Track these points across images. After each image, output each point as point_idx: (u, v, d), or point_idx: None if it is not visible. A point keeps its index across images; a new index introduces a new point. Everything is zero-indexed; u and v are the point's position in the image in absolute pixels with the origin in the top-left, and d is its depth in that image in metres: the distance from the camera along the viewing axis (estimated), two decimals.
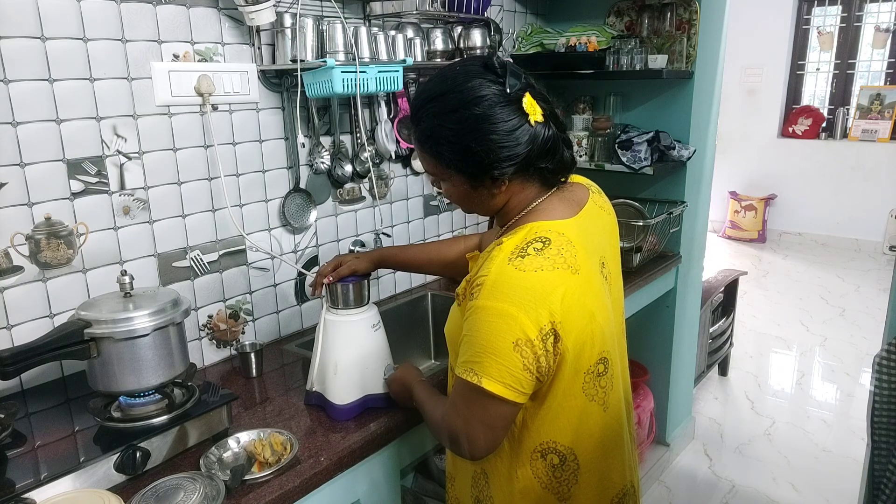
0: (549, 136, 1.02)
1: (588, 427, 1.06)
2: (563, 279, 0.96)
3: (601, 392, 1.07)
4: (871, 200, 5.78)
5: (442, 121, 1.00)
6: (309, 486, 1.16)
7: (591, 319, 1.01)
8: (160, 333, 1.19)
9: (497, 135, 0.97)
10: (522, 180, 1.05)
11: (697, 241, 2.62)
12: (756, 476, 2.67)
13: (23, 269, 1.31)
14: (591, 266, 1.03)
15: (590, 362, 1.03)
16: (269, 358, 1.67)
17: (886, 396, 1.41)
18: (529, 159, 1.01)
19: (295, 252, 1.83)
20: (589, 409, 1.06)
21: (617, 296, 1.14)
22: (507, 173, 1.01)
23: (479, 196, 1.06)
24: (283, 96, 1.71)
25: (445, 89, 1.01)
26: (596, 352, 1.04)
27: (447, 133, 1.00)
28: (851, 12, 5.90)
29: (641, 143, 2.24)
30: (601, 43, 2.31)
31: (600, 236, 1.10)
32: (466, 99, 0.98)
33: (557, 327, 0.96)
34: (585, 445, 1.07)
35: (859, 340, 3.97)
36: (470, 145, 0.98)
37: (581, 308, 0.99)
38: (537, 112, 0.99)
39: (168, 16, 1.46)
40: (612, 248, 1.15)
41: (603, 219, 1.14)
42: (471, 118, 0.97)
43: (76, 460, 1.08)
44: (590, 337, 1.01)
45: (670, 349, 2.61)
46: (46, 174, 1.31)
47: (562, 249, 0.98)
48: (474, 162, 1.00)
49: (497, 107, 0.97)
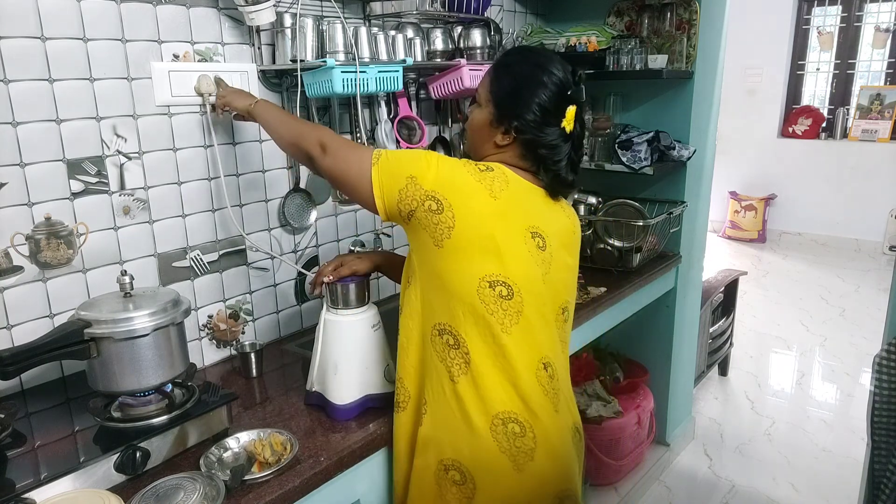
0: (565, 147, 1.21)
1: (483, 335, 1.16)
2: (478, 190, 1.14)
3: (501, 313, 1.16)
4: (871, 200, 5.78)
5: (522, 63, 1.23)
6: (309, 486, 1.16)
7: (491, 237, 1.14)
8: (160, 333, 1.19)
9: (539, 102, 1.18)
10: (521, 152, 1.22)
11: (697, 241, 2.62)
12: (756, 476, 2.67)
13: (23, 269, 1.31)
14: (517, 214, 1.17)
15: (484, 270, 1.14)
16: (269, 358, 1.67)
17: (886, 396, 1.41)
18: (540, 142, 1.19)
19: (295, 252, 1.83)
20: (488, 320, 1.16)
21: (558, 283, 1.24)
22: (521, 131, 1.19)
23: (487, 134, 1.24)
24: (283, 96, 1.71)
25: (540, 53, 1.30)
26: (494, 269, 1.14)
27: (514, 74, 1.22)
28: (851, 12, 5.91)
29: (641, 143, 2.24)
30: (601, 43, 2.31)
31: (544, 218, 1.22)
32: (546, 67, 1.20)
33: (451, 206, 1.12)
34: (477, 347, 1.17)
35: (859, 340, 3.97)
36: (520, 91, 1.20)
37: (480, 218, 1.13)
38: (570, 123, 1.21)
39: (168, 16, 1.46)
40: (560, 244, 1.25)
41: (558, 214, 1.26)
42: (537, 78, 1.19)
43: (76, 460, 1.08)
44: (485, 248, 1.14)
45: (670, 349, 2.61)
46: (46, 174, 1.31)
47: (496, 178, 1.16)
48: (510, 106, 1.20)
49: (555, 90, 1.19)
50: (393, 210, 1.18)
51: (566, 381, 1.29)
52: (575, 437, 1.29)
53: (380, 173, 1.16)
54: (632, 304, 2.26)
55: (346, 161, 1.21)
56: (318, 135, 1.27)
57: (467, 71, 1.90)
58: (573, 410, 1.31)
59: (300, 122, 1.39)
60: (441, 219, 1.13)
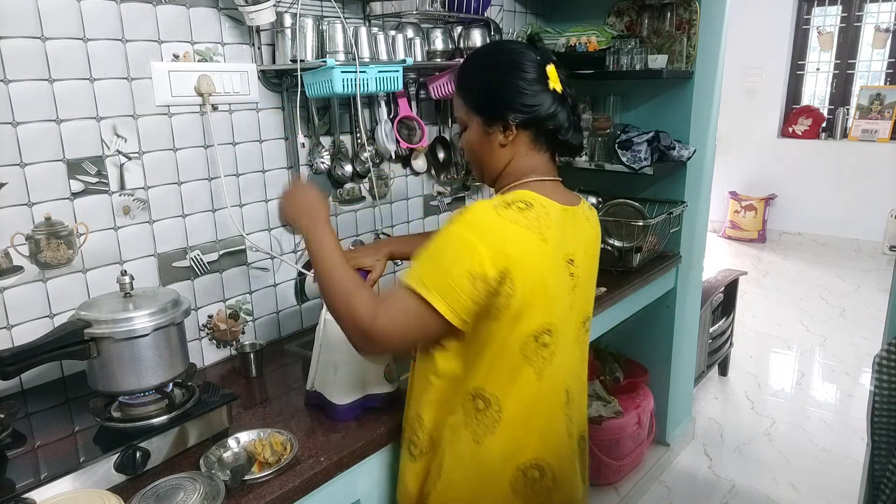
0: (563, 110, 1.12)
1: (519, 386, 1.11)
2: (530, 239, 1.05)
3: (540, 360, 1.11)
4: (871, 200, 5.77)
5: (479, 64, 1.18)
6: (309, 486, 1.16)
7: (544, 288, 1.07)
8: (160, 333, 1.19)
9: (520, 79, 1.10)
10: (530, 142, 1.14)
11: (697, 241, 2.62)
12: (756, 476, 2.67)
13: (23, 269, 1.31)
14: (559, 248, 1.10)
15: (533, 326, 1.08)
16: (269, 358, 1.67)
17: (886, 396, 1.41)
18: (541, 116, 1.11)
19: (295, 252, 1.83)
20: (524, 371, 1.10)
21: (581, 299, 1.19)
22: (519, 118, 1.11)
23: (489, 145, 1.15)
24: (283, 96, 1.71)
25: (487, 49, 1.26)
26: (542, 319, 1.08)
27: (480, 72, 1.16)
28: (851, 12, 5.90)
29: (641, 143, 2.24)
30: (601, 43, 2.31)
31: (576, 238, 1.16)
32: (502, 50, 1.17)
33: (512, 276, 1.02)
34: (511, 402, 1.11)
35: (859, 340, 3.97)
36: (494, 83, 1.12)
37: (537, 271, 1.05)
38: (557, 82, 1.12)
39: (168, 16, 1.46)
40: (586, 255, 1.19)
41: (584, 227, 1.19)
42: (502, 61, 1.13)
43: (76, 460, 1.08)
44: (538, 302, 1.07)
45: (670, 349, 2.61)
46: (46, 174, 1.31)
47: (540, 217, 1.07)
48: (495, 101, 1.12)
49: (527, 62, 1.11)
50: (473, 315, 1.05)
51: (581, 394, 1.26)
52: (581, 445, 1.26)
53: (442, 300, 1.01)
54: (632, 304, 2.26)
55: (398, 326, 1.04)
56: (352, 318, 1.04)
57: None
58: (583, 420, 1.27)
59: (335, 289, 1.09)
60: (503, 290, 1.03)
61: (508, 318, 1.05)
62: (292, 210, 1.20)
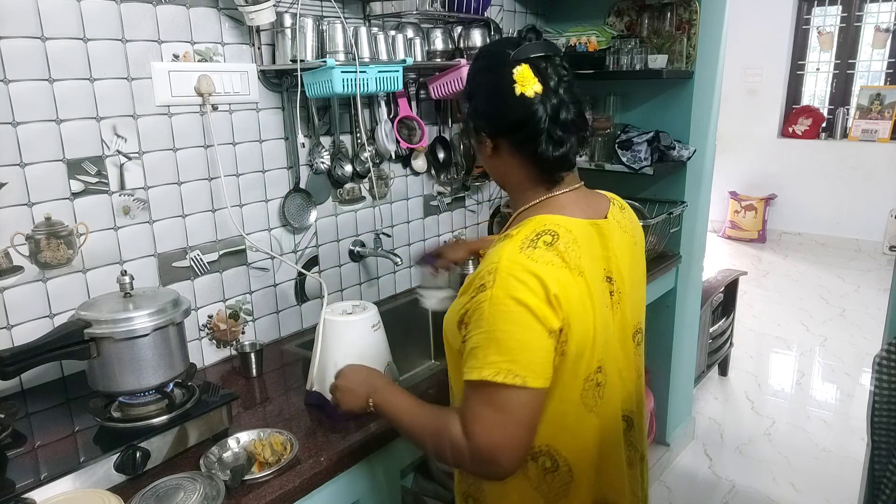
0: (533, 114, 0.99)
1: (584, 437, 1.04)
2: (569, 278, 0.95)
3: (599, 402, 1.04)
4: (871, 200, 5.78)
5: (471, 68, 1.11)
6: (309, 486, 1.16)
7: (593, 326, 0.99)
8: (160, 333, 1.19)
9: (488, 87, 1.03)
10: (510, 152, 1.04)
11: (697, 241, 2.62)
12: (756, 476, 2.67)
13: (23, 269, 1.31)
14: (594, 272, 1.01)
15: (589, 370, 1.01)
16: (269, 358, 1.67)
17: (886, 396, 1.41)
18: (505, 125, 1.02)
19: (295, 252, 1.83)
20: (586, 419, 1.03)
21: (628, 313, 1.10)
22: (485, 129, 1.04)
23: (483, 155, 1.10)
24: (283, 96, 1.71)
25: (480, 51, 1.15)
26: (596, 359, 1.01)
27: (469, 79, 1.10)
28: (851, 12, 5.90)
29: (641, 143, 2.24)
30: (601, 43, 2.31)
31: (610, 252, 1.06)
32: (482, 58, 1.09)
33: (564, 324, 0.94)
34: (580, 458, 1.05)
35: (859, 340, 3.97)
36: (471, 91, 1.07)
37: (583, 311, 0.97)
38: (528, 84, 0.98)
39: (168, 16, 1.46)
40: (628, 268, 1.09)
41: (619, 237, 1.08)
42: (480, 67, 1.07)
43: (76, 460, 1.08)
44: (590, 342, 0.99)
45: (670, 349, 2.61)
46: (46, 174, 1.31)
47: (569, 248, 0.97)
48: (472, 110, 1.07)
49: (496, 63, 1.02)
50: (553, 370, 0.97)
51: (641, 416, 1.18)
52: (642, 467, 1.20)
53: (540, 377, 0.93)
54: None
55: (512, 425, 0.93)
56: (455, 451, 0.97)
57: (467, 71, 1.90)
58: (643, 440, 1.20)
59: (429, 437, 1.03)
60: (559, 338, 0.95)
61: (560, 368, 0.97)
62: (351, 395, 1.19)
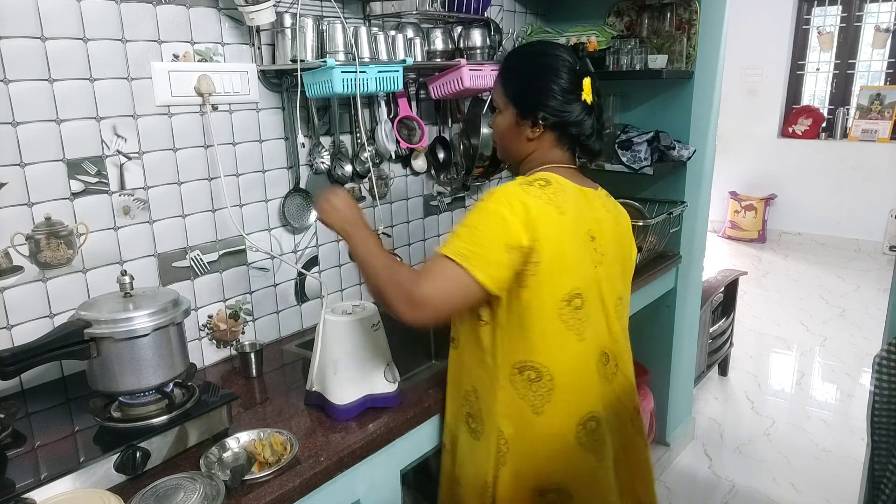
0: (589, 120, 1.26)
1: (565, 352, 1.23)
2: (550, 211, 1.17)
3: (578, 323, 1.22)
4: (871, 200, 5.78)
5: (527, 58, 1.31)
6: (309, 486, 1.16)
7: (563, 255, 1.18)
8: (160, 333, 1.19)
9: (556, 85, 1.23)
10: (554, 140, 1.27)
11: (697, 241, 2.62)
12: (756, 476, 2.67)
13: (23, 269, 1.31)
14: (577, 220, 1.21)
15: (563, 291, 1.19)
16: (269, 358, 1.67)
17: (886, 396, 1.41)
18: (568, 122, 1.24)
19: (295, 252, 1.83)
20: (567, 336, 1.22)
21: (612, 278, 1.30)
22: (548, 120, 1.24)
23: (516, 135, 1.29)
24: (283, 96, 1.71)
25: (535, 48, 1.38)
26: (570, 284, 1.20)
27: (522, 70, 1.28)
28: (851, 12, 5.90)
29: (641, 143, 2.24)
30: (601, 43, 2.31)
31: (594, 218, 1.27)
32: (548, 53, 1.27)
33: (539, 245, 1.14)
34: (560, 368, 1.23)
35: (859, 340, 3.97)
36: (533, 83, 1.25)
37: (557, 240, 1.16)
38: (590, 94, 1.25)
39: (168, 16, 1.46)
40: (610, 238, 1.30)
41: (600, 210, 1.30)
42: (544, 65, 1.25)
43: (76, 460, 1.08)
44: (561, 267, 1.18)
45: (670, 349, 2.61)
46: (46, 174, 1.31)
47: (557, 192, 1.19)
48: (530, 99, 1.25)
49: (564, 69, 1.24)
50: (511, 284, 1.17)
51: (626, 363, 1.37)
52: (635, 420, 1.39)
53: (481, 269, 1.10)
54: (632, 304, 2.24)
55: (442, 290, 1.11)
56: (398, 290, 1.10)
57: (467, 71, 1.90)
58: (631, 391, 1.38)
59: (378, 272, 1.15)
60: (531, 258, 1.15)
61: (535, 286, 1.16)
62: (333, 214, 1.26)
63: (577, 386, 1.26)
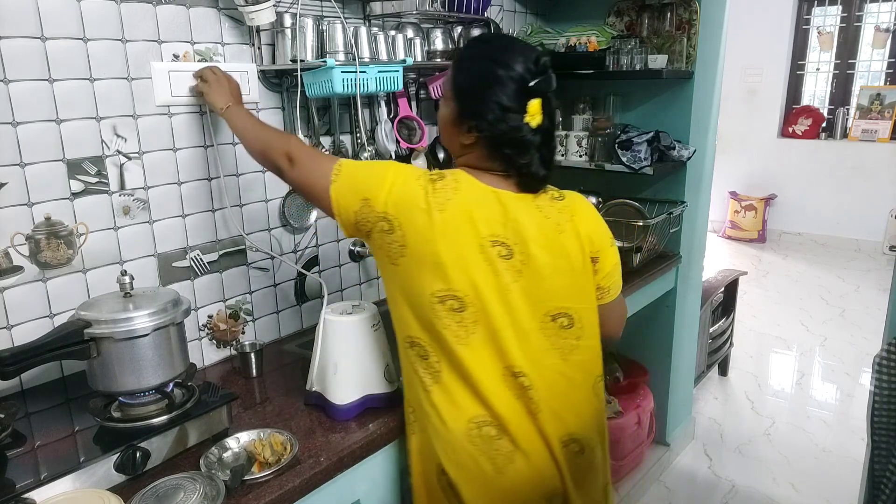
0: (530, 141, 1.14)
1: (444, 345, 1.15)
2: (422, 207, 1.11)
3: (457, 326, 1.13)
4: (871, 200, 5.77)
5: (479, 58, 1.19)
6: (309, 486, 1.16)
7: (435, 253, 1.11)
8: (160, 333, 1.19)
9: (497, 100, 1.12)
10: (486, 154, 1.17)
11: (697, 241, 2.62)
12: (756, 476, 2.67)
13: (23, 269, 1.31)
14: (464, 224, 1.12)
15: (433, 287, 1.12)
16: (269, 358, 1.67)
17: (886, 396, 1.41)
18: (502, 140, 1.14)
19: (295, 252, 1.83)
20: (443, 332, 1.14)
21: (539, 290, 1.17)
22: (477, 130, 1.15)
23: (453, 132, 1.21)
24: (283, 96, 1.71)
25: (499, 42, 1.25)
26: (442, 284, 1.12)
27: (473, 68, 1.18)
28: (851, 12, 5.90)
29: (641, 143, 2.24)
30: (601, 43, 2.31)
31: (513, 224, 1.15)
32: (503, 59, 1.14)
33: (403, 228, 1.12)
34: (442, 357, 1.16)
35: (859, 340, 3.97)
36: (477, 87, 1.15)
37: (425, 234, 1.11)
38: (536, 118, 1.13)
39: (168, 16, 1.46)
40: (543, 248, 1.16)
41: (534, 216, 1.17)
42: (492, 74, 1.13)
43: (76, 460, 1.08)
44: (429, 264, 1.12)
45: (670, 349, 2.61)
46: (46, 174, 1.31)
47: (444, 188, 1.13)
48: (468, 103, 1.16)
49: (513, 85, 1.12)
50: (352, 230, 1.19)
51: (562, 392, 1.20)
52: (571, 449, 1.22)
53: (337, 193, 1.17)
54: (632, 304, 2.25)
55: (312, 174, 1.21)
56: (286, 145, 1.25)
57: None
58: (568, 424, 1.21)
59: (268, 130, 1.35)
60: (393, 238, 1.13)
61: (405, 267, 1.14)
62: (218, 92, 1.43)
63: (463, 386, 1.16)
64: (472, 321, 1.14)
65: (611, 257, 1.27)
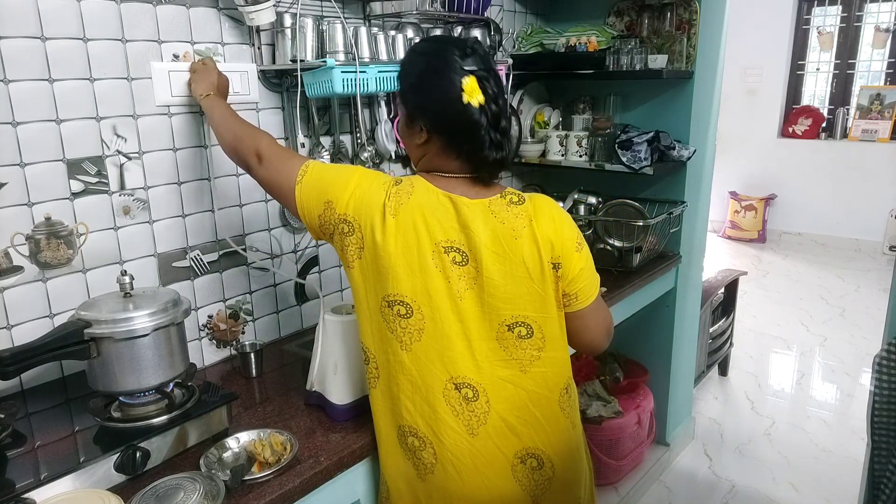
0: (476, 121, 1.12)
1: (385, 349, 1.17)
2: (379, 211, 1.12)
3: (400, 330, 1.15)
4: (871, 200, 5.77)
5: (413, 60, 1.21)
6: (309, 486, 1.16)
7: (387, 255, 1.12)
8: (160, 333, 1.19)
9: (436, 89, 1.13)
10: (440, 147, 1.17)
11: (697, 241, 2.62)
12: (756, 476, 2.67)
13: (23, 269, 1.31)
14: (415, 229, 1.12)
15: (384, 290, 1.13)
16: (269, 358, 1.67)
17: (886, 396, 1.41)
18: (451, 130, 1.14)
19: (295, 252, 1.83)
20: (388, 336, 1.16)
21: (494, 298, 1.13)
22: (426, 125, 1.16)
23: (409, 137, 1.22)
24: (283, 96, 1.71)
25: (431, 41, 1.36)
26: (391, 288, 1.13)
27: (411, 70, 1.19)
28: (851, 12, 5.90)
29: (641, 143, 2.23)
30: (601, 43, 2.31)
31: (462, 225, 1.13)
32: (434, 52, 1.17)
33: (363, 231, 1.13)
34: (382, 361, 1.19)
35: (859, 340, 3.97)
36: (416, 87, 1.17)
37: (379, 238, 1.11)
38: (474, 95, 1.11)
39: (168, 16, 1.46)
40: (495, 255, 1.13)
41: (489, 222, 1.13)
42: (428, 68, 1.16)
43: (76, 460, 1.08)
44: (381, 267, 1.13)
45: (670, 349, 2.61)
46: (46, 174, 1.31)
47: (400, 193, 1.14)
48: (412, 102, 1.19)
49: (447, 70, 1.12)
50: (317, 231, 1.20)
51: (520, 405, 1.17)
52: (529, 464, 1.18)
53: (302, 194, 1.18)
54: (632, 304, 2.26)
55: (279, 174, 1.21)
56: (257, 143, 1.26)
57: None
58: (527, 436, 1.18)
59: (243, 126, 1.33)
60: (352, 240, 1.15)
61: (359, 269, 1.15)
62: (203, 79, 1.45)
63: (400, 393, 1.16)
64: (417, 328, 1.14)
65: (575, 262, 1.18)
